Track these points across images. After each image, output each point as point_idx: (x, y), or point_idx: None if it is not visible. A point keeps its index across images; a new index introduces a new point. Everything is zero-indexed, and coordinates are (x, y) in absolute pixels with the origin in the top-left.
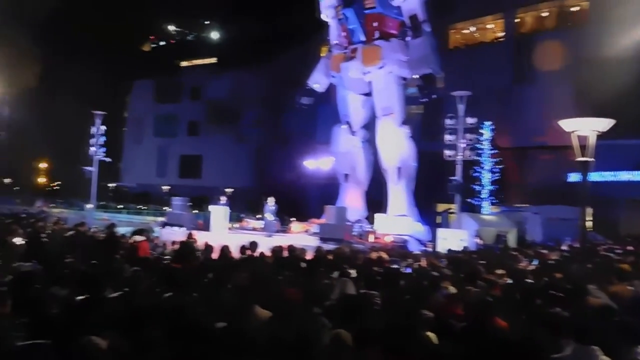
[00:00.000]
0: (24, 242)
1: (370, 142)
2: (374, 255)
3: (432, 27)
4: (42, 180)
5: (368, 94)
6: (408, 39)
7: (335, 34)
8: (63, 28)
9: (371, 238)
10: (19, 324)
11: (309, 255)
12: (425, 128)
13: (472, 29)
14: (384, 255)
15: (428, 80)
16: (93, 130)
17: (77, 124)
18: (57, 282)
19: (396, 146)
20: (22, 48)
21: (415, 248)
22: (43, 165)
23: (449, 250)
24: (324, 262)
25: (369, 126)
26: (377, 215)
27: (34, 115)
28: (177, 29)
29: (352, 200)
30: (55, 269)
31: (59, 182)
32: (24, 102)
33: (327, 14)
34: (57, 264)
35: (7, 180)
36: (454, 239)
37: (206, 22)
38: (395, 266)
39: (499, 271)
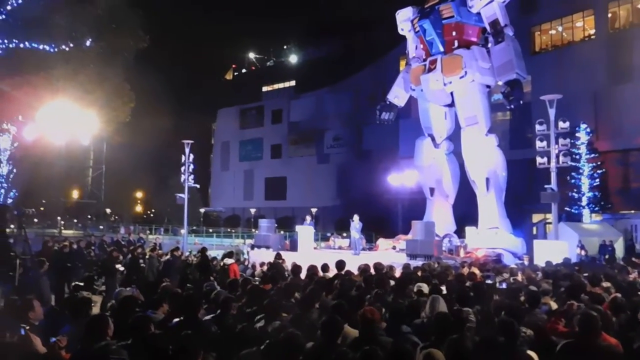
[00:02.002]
0: (124, 268)
1: (455, 154)
2: (465, 270)
3: (515, 31)
4: (138, 209)
5: (450, 105)
6: (490, 45)
7: (413, 47)
8: (151, 64)
9: (462, 253)
10: (121, 347)
11: (397, 273)
12: (514, 135)
13: (559, 28)
14: (476, 271)
15: (514, 86)
16: (183, 158)
17: (168, 154)
18: (154, 306)
19: (483, 156)
20: (115, 86)
21: (510, 262)
22: (139, 194)
23: (548, 263)
24: (413, 279)
25: (454, 137)
26: (467, 229)
27: (129, 148)
28: (257, 56)
29: (440, 215)
30: (153, 293)
31: (154, 210)
32: (119, 136)
33: (403, 28)
34: (155, 288)
35: (107, 210)
36: (552, 250)
37: (284, 47)
38: (489, 281)
39: (605, 284)
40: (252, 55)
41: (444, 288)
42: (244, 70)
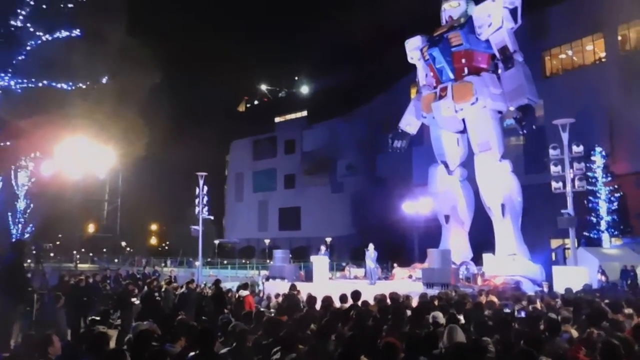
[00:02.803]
0: (139, 301)
1: (469, 180)
2: (483, 298)
3: (525, 56)
4: (153, 241)
5: (463, 131)
6: (500, 71)
7: (423, 75)
8: (165, 97)
9: (479, 280)
10: None
11: (413, 302)
12: (528, 160)
13: (569, 52)
14: (494, 299)
15: (526, 110)
16: (197, 191)
17: (182, 186)
18: (171, 339)
19: (498, 182)
20: (131, 121)
21: (529, 289)
22: (154, 227)
23: (568, 290)
24: (430, 308)
25: (467, 164)
26: (484, 256)
27: (144, 181)
28: (269, 88)
29: (456, 242)
30: (169, 326)
31: (169, 242)
32: (134, 170)
33: (413, 56)
34: (171, 321)
35: (122, 244)
36: (572, 276)
37: (295, 78)
38: (507, 310)
39: (627, 311)
40: (264, 87)
41: (461, 317)
42: (256, 102)
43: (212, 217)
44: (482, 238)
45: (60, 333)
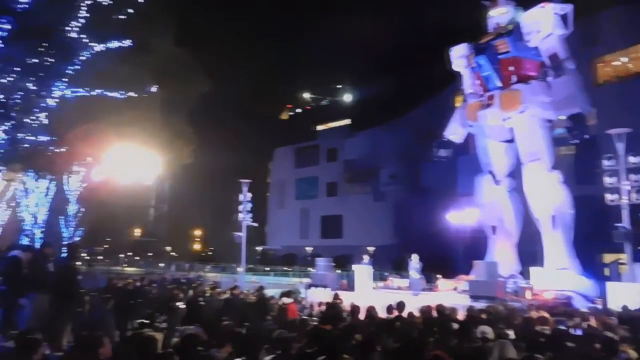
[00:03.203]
0: (184, 306)
1: (517, 191)
2: (534, 314)
3: (577, 63)
4: (197, 246)
5: (510, 141)
6: (550, 79)
7: (469, 83)
8: (210, 106)
9: (528, 295)
10: None
11: (460, 315)
12: (580, 170)
13: (624, 59)
14: (546, 314)
15: (577, 120)
16: (240, 197)
17: (226, 193)
18: (218, 345)
19: (548, 193)
20: (178, 128)
21: (581, 305)
22: (198, 232)
23: (624, 308)
24: (477, 322)
25: (515, 174)
26: (532, 269)
27: (189, 188)
28: (312, 96)
29: (503, 254)
30: (213, 331)
31: (212, 248)
32: (181, 177)
33: (458, 64)
34: (215, 327)
35: (167, 248)
36: (628, 293)
37: (338, 86)
38: (561, 327)
39: None
40: (307, 95)
41: (511, 332)
42: (299, 110)
43: (255, 224)
44: (530, 251)
45: (109, 334)
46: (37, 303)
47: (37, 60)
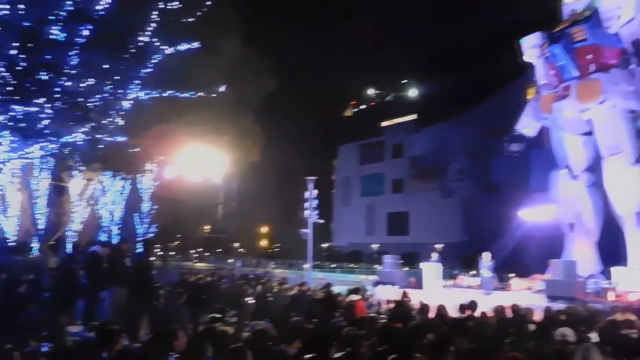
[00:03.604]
0: (253, 301)
1: (597, 186)
2: (618, 316)
3: None
4: (263, 243)
5: (589, 133)
6: (632, 66)
7: (542, 74)
8: (276, 105)
9: (611, 296)
10: None
11: (536, 316)
12: None
13: None
14: (633, 317)
15: None
16: (306, 194)
17: (292, 190)
18: (287, 340)
19: (631, 188)
20: (247, 127)
21: None
22: (264, 229)
23: None
24: (556, 323)
25: (594, 168)
26: (614, 269)
27: (256, 185)
28: (376, 92)
29: (581, 253)
30: (282, 327)
31: (279, 245)
32: (248, 175)
33: (530, 55)
34: (284, 322)
35: (235, 245)
36: None
37: (403, 82)
38: None
39: None
40: (371, 91)
41: (593, 336)
42: (363, 106)
43: (321, 221)
44: (610, 249)
45: (183, 328)
46: (116, 296)
47: (112, 65)
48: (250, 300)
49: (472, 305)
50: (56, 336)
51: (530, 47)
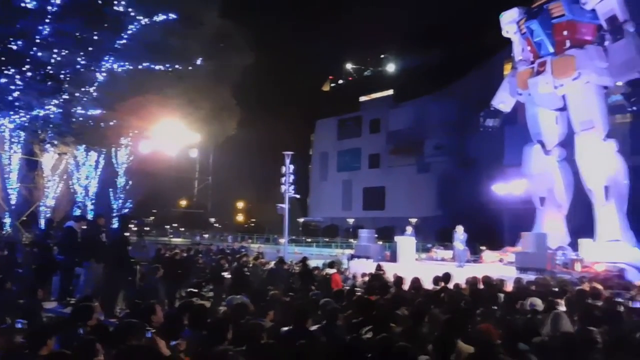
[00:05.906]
0: (230, 275)
1: (568, 161)
2: (586, 286)
3: (636, 26)
4: (240, 218)
5: (562, 109)
6: (607, 43)
7: (519, 50)
8: (252, 78)
9: (578, 267)
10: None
11: (508, 287)
12: (636, 139)
13: None
14: (599, 287)
15: (636, 86)
16: (283, 169)
17: (269, 165)
18: (262, 313)
19: (601, 163)
20: (223, 101)
21: (634, 277)
22: (241, 204)
23: None
24: (526, 294)
25: (566, 143)
26: (581, 241)
27: (232, 160)
28: (355, 66)
29: (551, 226)
30: (258, 300)
31: (255, 220)
32: (223, 149)
33: (508, 30)
34: (260, 296)
35: (212, 220)
36: None
37: (382, 56)
38: (619, 299)
39: None
40: (349, 66)
41: (561, 305)
42: (341, 81)
43: (298, 196)
44: (579, 222)
45: (160, 303)
46: (91, 272)
47: (86, 35)
48: (227, 274)
49: (446, 277)
50: (31, 313)
51: (508, 22)
